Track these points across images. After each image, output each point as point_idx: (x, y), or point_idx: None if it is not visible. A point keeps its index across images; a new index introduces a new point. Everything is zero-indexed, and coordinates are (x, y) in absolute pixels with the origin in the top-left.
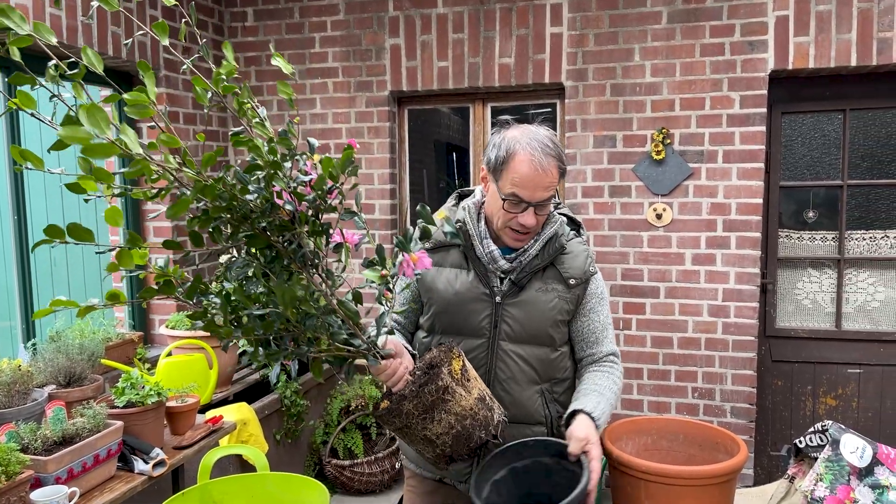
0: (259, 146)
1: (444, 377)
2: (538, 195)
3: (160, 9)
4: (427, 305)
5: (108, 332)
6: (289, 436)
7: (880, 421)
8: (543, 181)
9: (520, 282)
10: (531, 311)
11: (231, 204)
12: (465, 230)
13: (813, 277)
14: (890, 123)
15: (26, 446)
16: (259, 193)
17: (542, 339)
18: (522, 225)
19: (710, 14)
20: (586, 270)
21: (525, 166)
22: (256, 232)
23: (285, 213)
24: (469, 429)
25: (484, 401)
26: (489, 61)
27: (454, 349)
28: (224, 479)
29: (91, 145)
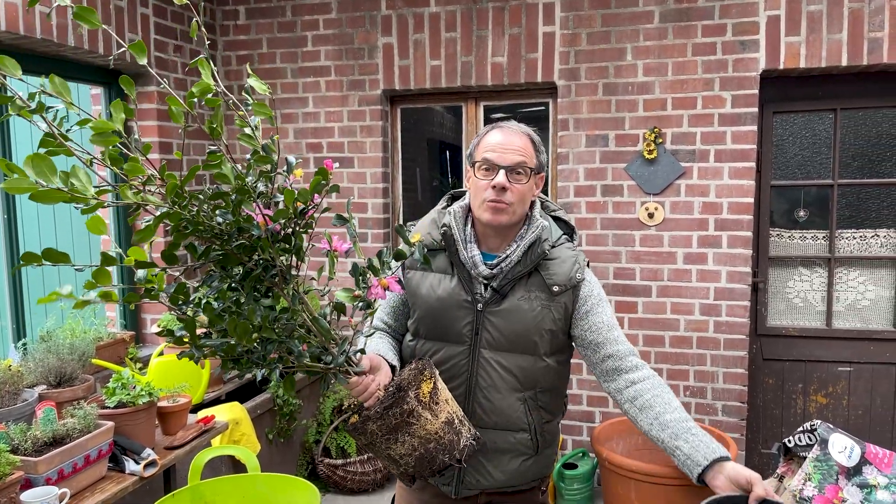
0: (227, 174)
1: (409, 401)
2: (508, 157)
3: (151, 7)
4: (412, 309)
5: (99, 331)
6: (281, 435)
7: (870, 419)
8: (512, 144)
9: (502, 289)
10: (512, 321)
11: (197, 228)
12: (450, 234)
13: (804, 276)
14: (880, 123)
15: (16, 447)
16: (225, 219)
17: (523, 348)
18: (496, 191)
19: (701, 14)
20: (571, 277)
21: (493, 134)
22: (227, 251)
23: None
24: (433, 452)
25: (451, 424)
26: (482, 60)
27: (426, 371)
28: (215, 480)
29: (38, 193)
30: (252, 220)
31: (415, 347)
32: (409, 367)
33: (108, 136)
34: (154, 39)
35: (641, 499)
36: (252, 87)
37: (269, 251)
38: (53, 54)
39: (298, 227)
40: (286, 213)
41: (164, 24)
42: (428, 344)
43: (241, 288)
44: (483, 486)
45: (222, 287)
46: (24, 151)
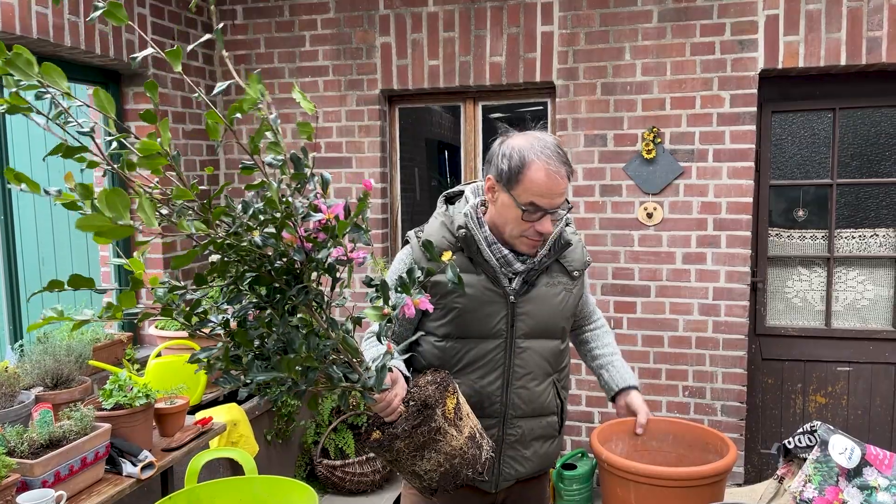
0: (275, 199)
1: (437, 419)
2: (556, 202)
3: (148, 7)
4: (443, 311)
5: (96, 332)
6: (279, 436)
7: (870, 419)
8: (559, 188)
9: (529, 279)
10: (543, 306)
11: (240, 253)
12: (469, 236)
13: (803, 276)
14: (879, 122)
15: (12, 449)
16: (270, 245)
17: (553, 333)
18: (540, 233)
19: (700, 13)
20: (585, 261)
21: (542, 175)
22: (262, 274)
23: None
24: (457, 467)
25: (474, 439)
26: (480, 60)
27: (450, 386)
28: (212, 483)
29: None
30: (292, 244)
31: (445, 349)
32: (427, 380)
33: (155, 158)
34: (151, 39)
35: (641, 501)
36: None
37: (311, 275)
38: (50, 54)
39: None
40: (325, 245)
41: (162, 24)
42: (460, 343)
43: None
44: (520, 474)
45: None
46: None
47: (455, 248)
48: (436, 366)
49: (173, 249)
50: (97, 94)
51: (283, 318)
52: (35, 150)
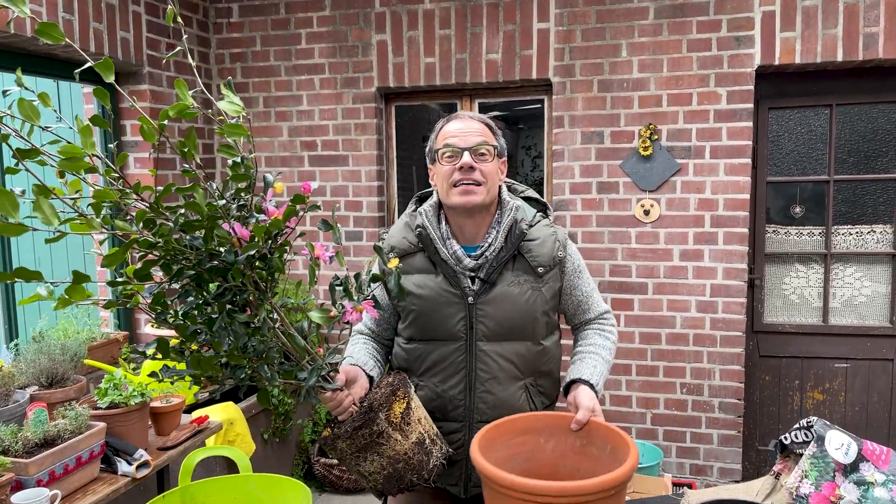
0: (200, 202)
1: (380, 422)
2: (471, 139)
3: (143, 5)
4: (403, 314)
5: (92, 331)
6: (276, 435)
7: (867, 415)
8: (471, 128)
9: (490, 278)
10: (505, 307)
11: (168, 253)
12: (426, 234)
13: (800, 272)
14: (876, 118)
15: (7, 448)
16: (196, 246)
17: (520, 334)
18: (464, 171)
19: (696, 9)
20: (554, 256)
21: (451, 124)
22: (200, 273)
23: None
24: (401, 472)
25: (422, 444)
26: (476, 57)
27: (399, 390)
28: (206, 481)
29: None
30: (225, 243)
31: (409, 351)
32: (386, 382)
33: (77, 162)
34: (146, 37)
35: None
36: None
37: (239, 277)
38: (44, 53)
39: (272, 251)
40: (257, 245)
41: (157, 23)
42: (422, 345)
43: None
44: None
45: (197, 303)
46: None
47: (416, 249)
48: (404, 368)
49: None
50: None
51: (222, 313)
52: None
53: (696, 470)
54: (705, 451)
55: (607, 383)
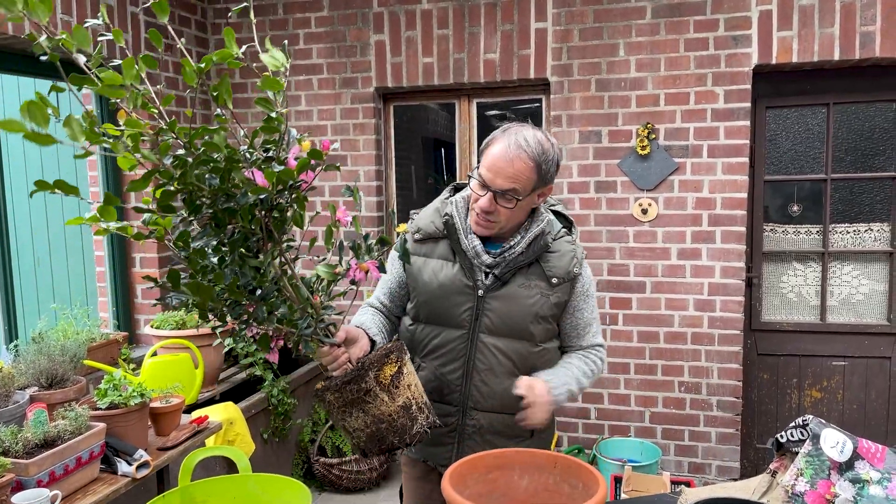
0: (219, 143)
1: (368, 381)
2: (498, 182)
3: (141, 6)
4: (413, 294)
5: (91, 332)
6: (276, 435)
7: (865, 413)
8: (506, 170)
9: (503, 276)
10: (511, 306)
11: (187, 188)
12: (451, 224)
13: (798, 271)
14: (873, 117)
15: (7, 449)
16: (213, 185)
17: (520, 334)
18: (480, 208)
19: (694, 9)
20: (570, 271)
21: (495, 149)
22: (215, 211)
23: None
24: (383, 432)
25: (408, 409)
26: (474, 57)
27: (392, 354)
28: (206, 481)
29: (31, 135)
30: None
31: (414, 331)
32: (384, 347)
33: (116, 90)
34: (144, 39)
35: None
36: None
37: (248, 219)
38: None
39: (288, 200)
40: (266, 189)
41: (155, 23)
42: (428, 328)
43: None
44: None
45: (212, 242)
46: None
47: (441, 235)
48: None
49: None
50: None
51: (233, 255)
52: (29, 150)
53: (694, 468)
54: (703, 449)
55: (606, 381)
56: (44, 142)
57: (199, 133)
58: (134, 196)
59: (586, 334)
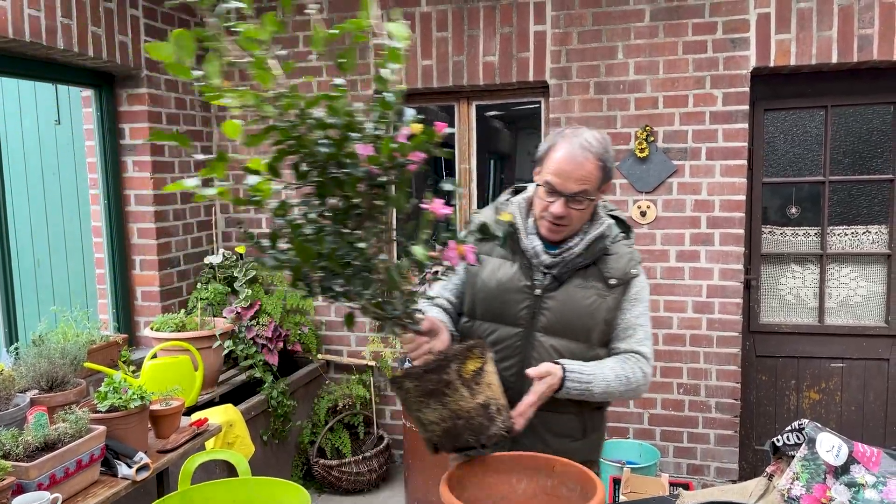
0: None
1: (450, 372)
2: (569, 186)
3: (141, 9)
4: (470, 290)
5: (91, 334)
6: (276, 436)
7: (863, 415)
8: (575, 173)
9: (560, 276)
10: (567, 305)
11: (300, 150)
12: (513, 224)
13: (796, 273)
14: (871, 120)
15: (7, 452)
16: (327, 151)
17: (576, 335)
18: (553, 214)
19: (692, 12)
20: (627, 272)
21: (560, 155)
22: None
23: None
24: (459, 429)
25: (487, 408)
26: (473, 60)
27: (476, 349)
28: (205, 485)
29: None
30: (354, 157)
31: (470, 327)
32: (465, 343)
33: (252, 44)
34: (144, 41)
35: None
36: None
37: (353, 192)
38: (43, 57)
39: (394, 177)
40: (377, 159)
41: (154, 26)
42: (484, 325)
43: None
44: None
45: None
46: (15, 157)
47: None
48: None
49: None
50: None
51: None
52: (29, 151)
53: (693, 470)
54: (702, 450)
55: None
56: (183, 73)
57: (316, 100)
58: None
59: (627, 337)
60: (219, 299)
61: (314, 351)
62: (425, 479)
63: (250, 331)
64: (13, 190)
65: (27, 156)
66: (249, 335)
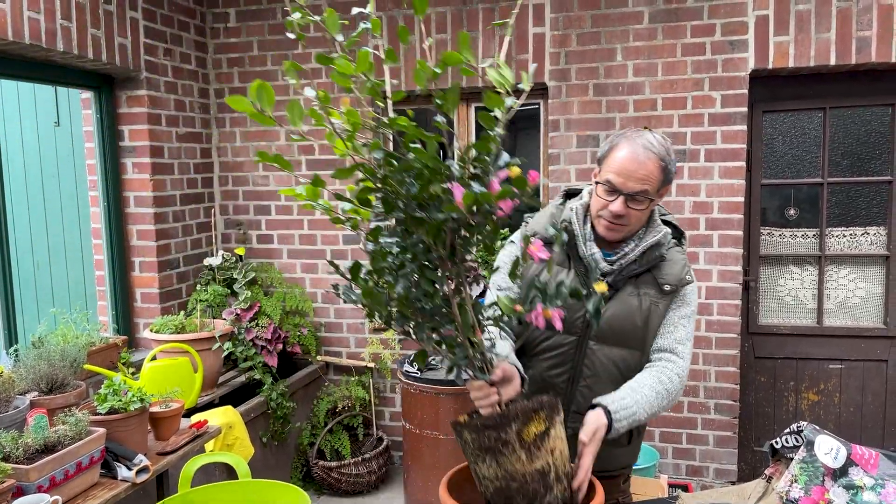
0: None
1: (509, 433)
2: (630, 185)
3: (140, 11)
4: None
5: (91, 336)
6: (275, 438)
7: (862, 416)
8: (637, 172)
9: (615, 284)
10: (621, 313)
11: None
12: (570, 230)
13: (794, 274)
14: (869, 121)
15: (8, 455)
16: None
17: (630, 342)
18: (612, 213)
19: (691, 14)
20: (682, 278)
21: (622, 153)
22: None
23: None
24: (512, 491)
25: (545, 475)
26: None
27: (543, 411)
28: (204, 487)
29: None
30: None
31: (524, 334)
32: (535, 399)
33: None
34: (144, 43)
35: None
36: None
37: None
38: (42, 59)
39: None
40: (457, 209)
41: (154, 28)
42: (539, 330)
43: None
44: None
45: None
46: (15, 160)
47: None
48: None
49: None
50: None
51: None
52: (29, 155)
53: (692, 471)
54: (701, 452)
55: None
56: (266, 122)
57: (411, 136)
58: None
59: (667, 333)
60: (218, 301)
61: (313, 352)
62: (425, 481)
63: (250, 332)
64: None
65: (27, 158)
66: (249, 337)
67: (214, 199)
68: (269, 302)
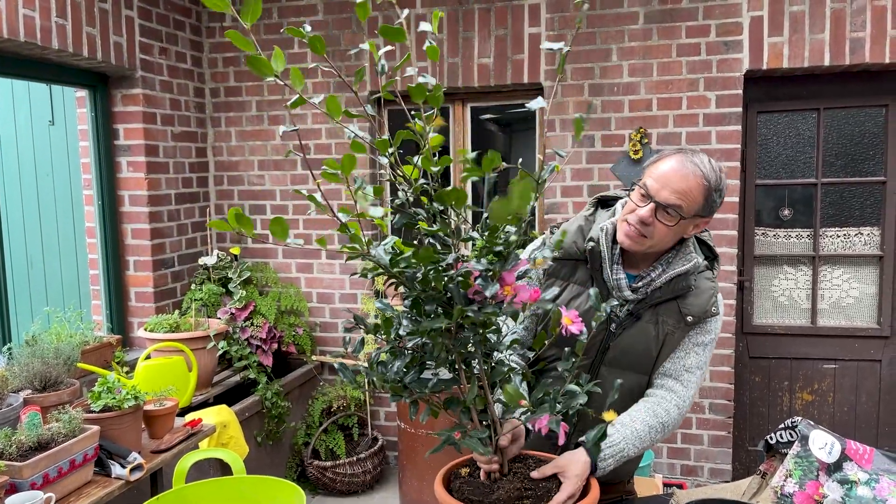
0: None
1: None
2: (664, 195)
3: (136, 9)
4: (542, 316)
5: (85, 335)
6: (270, 437)
7: (856, 415)
8: (676, 184)
9: (637, 312)
10: (637, 340)
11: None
12: (597, 251)
13: (789, 274)
14: (863, 122)
15: (1, 452)
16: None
17: (641, 367)
18: (638, 217)
19: (685, 15)
20: (707, 310)
21: (667, 164)
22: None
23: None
24: None
25: None
26: (468, 62)
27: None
28: (199, 483)
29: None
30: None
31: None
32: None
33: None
34: (139, 42)
35: None
36: None
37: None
38: (38, 57)
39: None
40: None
41: (149, 27)
42: (552, 350)
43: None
44: None
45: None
46: (9, 159)
47: (580, 258)
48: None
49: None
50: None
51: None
52: (23, 154)
53: (686, 470)
54: (696, 451)
55: None
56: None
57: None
58: None
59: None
60: (213, 300)
61: (308, 352)
62: (419, 481)
63: (245, 332)
64: (7, 190)
65: (21, 156)
66: (244, 336)
67: (210, 198)
68: (264, 301)
